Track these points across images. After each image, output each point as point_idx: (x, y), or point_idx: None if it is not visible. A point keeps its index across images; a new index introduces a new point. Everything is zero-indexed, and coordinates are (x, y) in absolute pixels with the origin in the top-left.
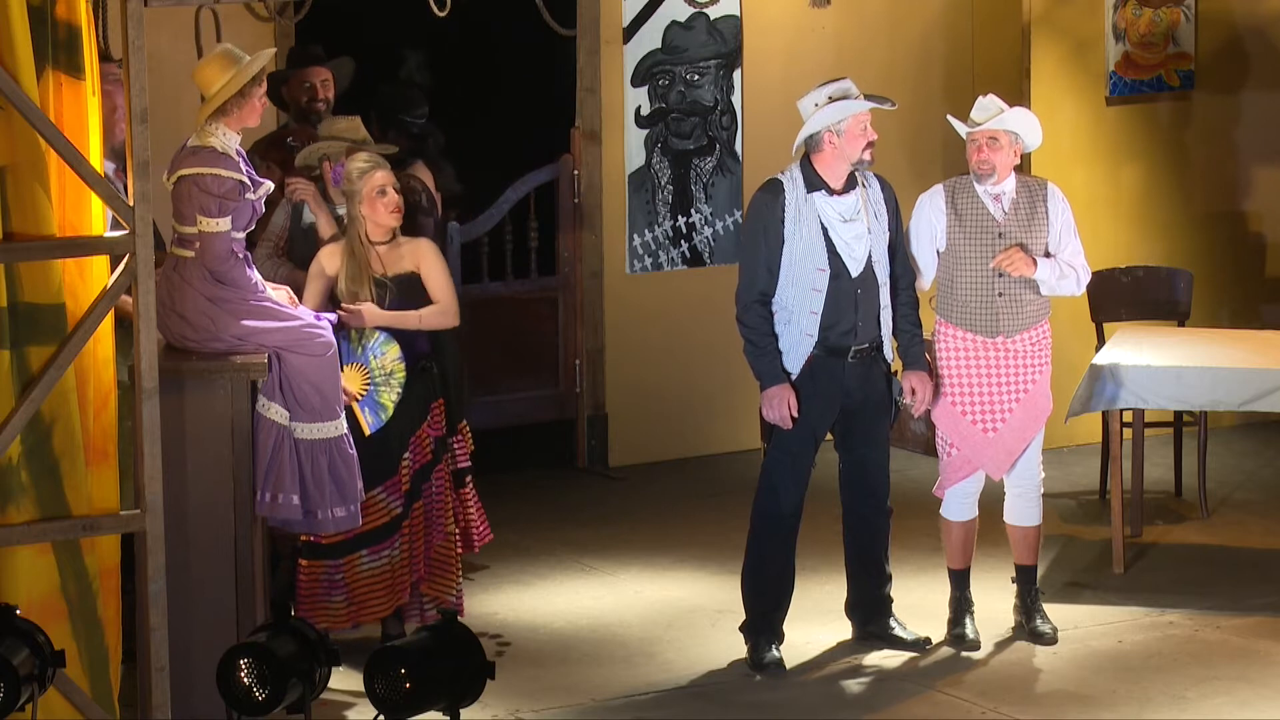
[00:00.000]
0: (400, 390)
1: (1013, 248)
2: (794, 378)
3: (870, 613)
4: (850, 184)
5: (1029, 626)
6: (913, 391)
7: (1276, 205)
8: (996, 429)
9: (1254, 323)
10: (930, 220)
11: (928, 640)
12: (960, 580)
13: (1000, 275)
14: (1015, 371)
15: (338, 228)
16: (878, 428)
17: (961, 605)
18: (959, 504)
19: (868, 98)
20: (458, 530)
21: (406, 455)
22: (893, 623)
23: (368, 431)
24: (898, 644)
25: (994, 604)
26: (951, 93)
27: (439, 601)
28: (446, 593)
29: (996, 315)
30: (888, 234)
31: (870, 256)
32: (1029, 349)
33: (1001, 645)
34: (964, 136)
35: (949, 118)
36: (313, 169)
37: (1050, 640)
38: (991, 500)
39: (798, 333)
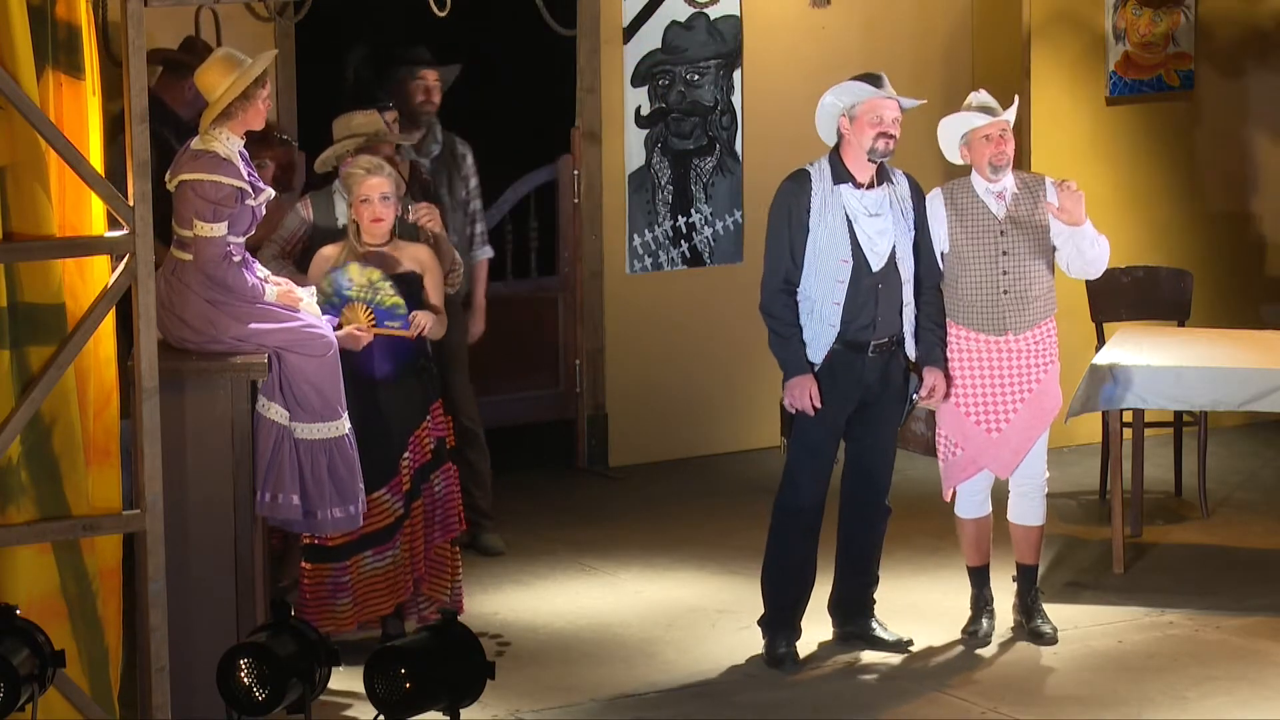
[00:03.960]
0: (390, 281)
1: (1076, 193)
2: (816, 370)
3: (852, 612)
4: (879, 179)
5: (1029, 626)
6: (932, 388)
7: (1276, 205)
8: (1001, 429)
9: (1254, 323)
10: (931, 226)
11: (910, 642)
12: (979, 578)
13: (1004, 273)
14: (1020, 371)
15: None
16: (889, 423)
17: (979, 604)
18: (969, 501)
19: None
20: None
21: (407, 455)
22: (874, 623)
23: (412, 335)
24: (879, 645)
25: (995, 603)
26: (951, 93)
27: (434, 601)
28: (441, 592)
29: (1003, 313)
30: (913, 231)
31: (894, 252)
32: (1033, 347)
33: (1001, 645)
34: (962, 137)
35: (949, 120)
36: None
37: (1050, 640)
38: (999, 500)
39: (821, 323)
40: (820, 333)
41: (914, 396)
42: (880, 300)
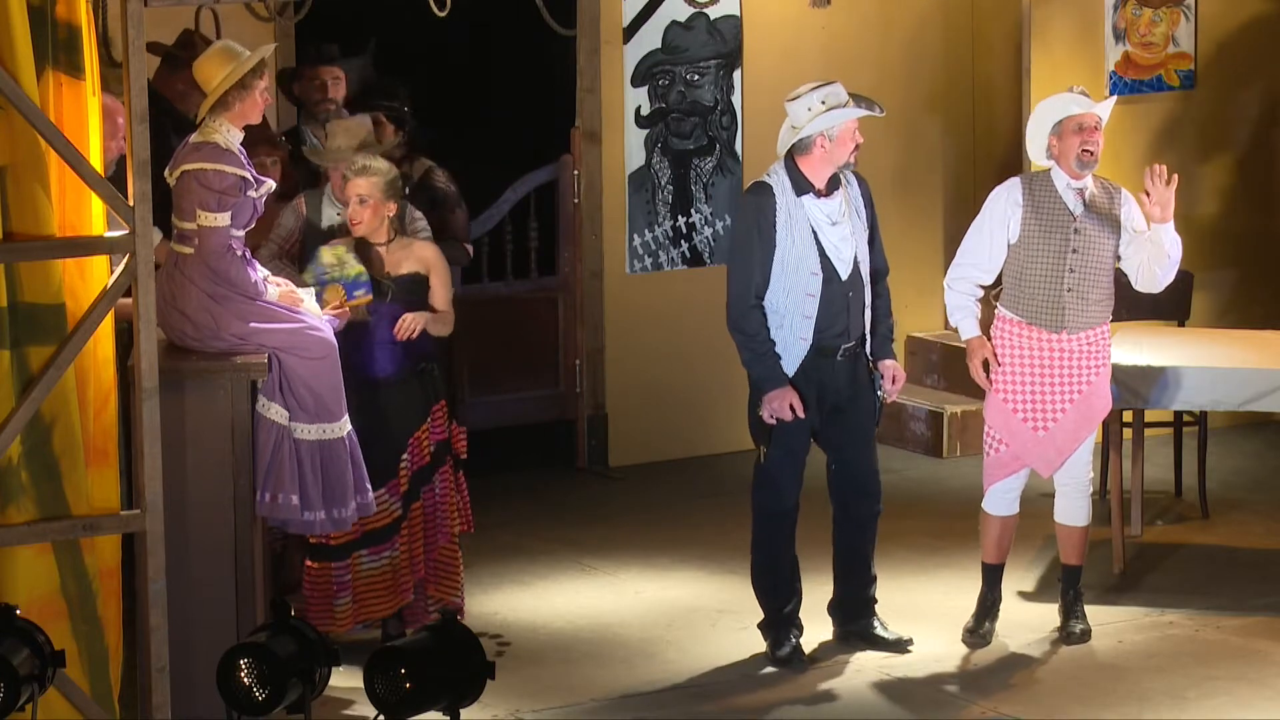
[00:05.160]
0: (353, 251)
1: (1169, 185)
2: (790, 379)
3: (853, 612)
4: (833, 185)
5: (1063, 625)
6: (893, 379)
7: (1276, 205)
8: (1048, 428)
9: (1254, 323)
10: (1005, 212)
11: (910, 641)
12: (991, 576)
13: (1071, 271)
14: (1071, 372)
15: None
16: (866, 427)
17: (985, 603)
18: (1000, 499)
19: (855, 100)
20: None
21: (405, 456)
22: (875, 622)
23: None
24: (879, 644)
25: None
26: (951, 93)
27: (444, 602)
28: (452, 594)
29: (1063, 310)
30: (867, 231)
31: (856, 257)
32: (1086, 349)
33: (1002, 645)
34: (1054, 126)
35: (1049, 103)
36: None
37: (1078, 640)
38: (1030, 500)
39: (791, 337)
40: (792, 345)
41: (880, 394)
42: (851, 307)
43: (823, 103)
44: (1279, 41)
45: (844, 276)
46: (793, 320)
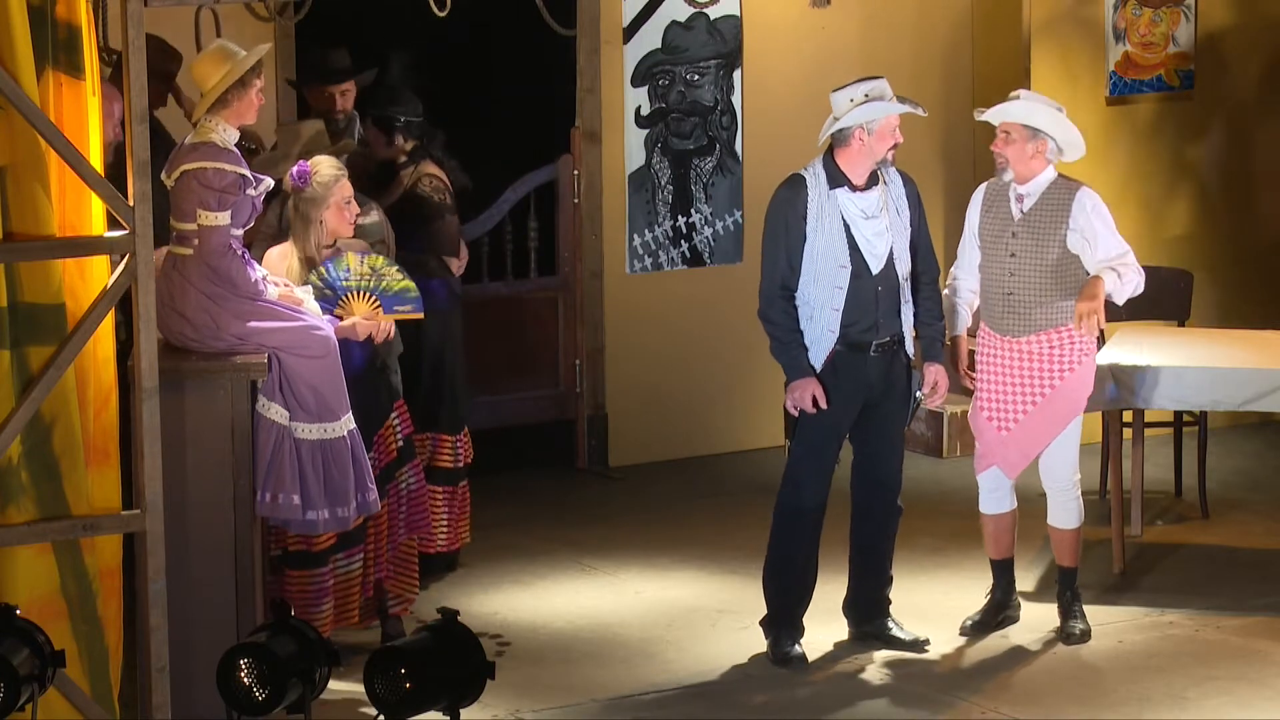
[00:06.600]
0: (397, 266)
1: (1087, 304)
2: (818, 372)
3: (868, 612)
4: (872, 180)
5: (1062, 627)
6: (934, 385)
7: (1276, 205)
8: (1009, 429)
9: (1254, 323)
10: (972, 216)
11: (926, 641)
12: (996, 571)
13: (1011, 275)
14: (1032, 374)
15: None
16: (895, 423)
17: (993, 598)
18: (988, 496)
19: (900, 100)
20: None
21: (372, 455)
22: (890, 623)
23: (421, 316)
24: (895, 644)
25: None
26: (952, 93)
27: (402, 599)
28: (409, 590)
29: (1005, 314)
30: (909, 229)
31: (891, 253)
32: (1049, 352)
33: (1002, 645)
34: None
35: (977, 113)
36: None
37: (1077, 640)
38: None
39: (820, 329)
40: (820, 337)
41: (917, 395)
42: (881, 302)
43: (865, 95)
44: (1278, 42)
45: (875, 271)
46: (822, 312)
